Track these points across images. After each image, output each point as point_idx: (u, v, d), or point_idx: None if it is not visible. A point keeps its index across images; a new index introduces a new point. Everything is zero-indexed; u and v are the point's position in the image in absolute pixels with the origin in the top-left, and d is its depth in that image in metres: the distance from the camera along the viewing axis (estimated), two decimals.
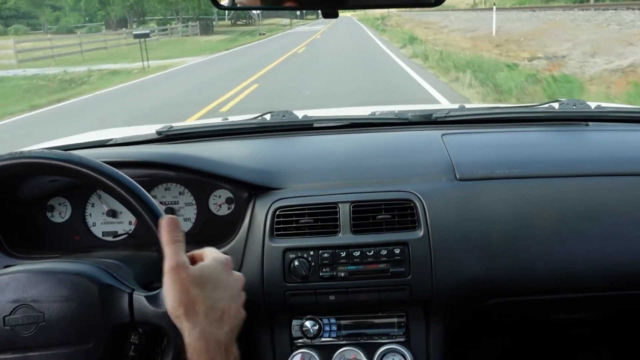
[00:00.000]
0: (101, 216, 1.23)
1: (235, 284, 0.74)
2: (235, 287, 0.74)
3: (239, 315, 0.75)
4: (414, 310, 1.14)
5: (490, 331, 1.47)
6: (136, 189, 0.83)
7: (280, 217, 1.12)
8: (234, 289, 0.73)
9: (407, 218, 1.11)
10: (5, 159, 0.82)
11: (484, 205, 1.13)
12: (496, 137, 1.35)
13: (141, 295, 0.84)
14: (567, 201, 1.14)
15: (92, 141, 1.42)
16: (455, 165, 1.19)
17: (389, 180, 1.17)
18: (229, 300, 0.72)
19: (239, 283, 0.75)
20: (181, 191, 1.23)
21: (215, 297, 0.70)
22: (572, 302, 1.19)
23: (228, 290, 0.72)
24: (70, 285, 0.81)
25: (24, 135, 7.39)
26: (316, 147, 1.37)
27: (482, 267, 1.09)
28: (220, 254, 0.75)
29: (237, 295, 0.74)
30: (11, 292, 0.80)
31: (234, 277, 0.75)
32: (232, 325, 0.72)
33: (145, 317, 0.83)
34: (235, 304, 0.73)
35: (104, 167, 0.83)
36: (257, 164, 1.23)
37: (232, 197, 1.21)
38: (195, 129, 1.43)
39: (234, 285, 0.74)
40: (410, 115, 1.41)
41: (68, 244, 1.21)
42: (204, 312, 0.69)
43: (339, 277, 1.09)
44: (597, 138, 1.36)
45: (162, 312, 0.83)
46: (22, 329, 0.79)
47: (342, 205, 1.12)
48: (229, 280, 0.73)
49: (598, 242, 1.11)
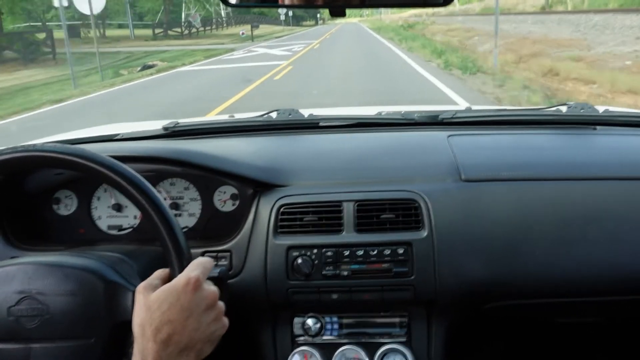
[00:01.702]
0: (106, 210, 1.23)
1: (198, 303, 0.74)
2: (198, 306, 0.74)
3: (205, 334, 0.75)
4: (416, 310, 1.14)
5: (492, 333, 1.47)
6: (141, 184, 0.84)
7: (284, 214, 1.12)
8: (194, 309, 0.73)
9: (411, 218, 1.11)
10: (12, 152, 0.83)
11: (489, 207, 1.13)
12: (502, 139, 1.35)
13: None
14: (572, 205, 1.14)
15: (99, 136, 1.43)
16: (461, 167, 1.18)
17: (393, 180, 1.17)
18: (183, 321, 0.72)
19: (207, 299, 0.75)
20: (186, 186, 1.24)
21: (164, 319, 0.71)
22: (575, 306, 1.19)
23: (183, 312, 0.72)
24: (76, 280, 0.81)
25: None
26: (322, 145, 1.37)
27: (485, 268, 1.09)
28: (186, 274, 0.76)
29: (200, 314, 0.74)
30: (17, 283, 0.81)
31: (196, 295, 0.74)
32: (184, 347, 0.72)
33: None
34: (195, 324, 0.73)
35: (110, 161, 0.84)
36: (263, 161, 1.23)
37: (236, 194, 1.22)
38: (201, 126, 1.43)
39: (197, 305, 0.74)
40: (417, 115, 1.41)
41: (73, 237, 1.22)
42: (150, 334, 0.71)
43: (342, 275, 1.09)
44: (604, 142, 1.35)
45: None
46: (26, 321, 0.80)
47: (346, 203, 1.12)
48: (186, 301, 0.73)
49: (603, 246, 1.11)
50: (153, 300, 0.73)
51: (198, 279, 0.75)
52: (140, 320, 0.73)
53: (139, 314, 0.73)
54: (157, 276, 0.79)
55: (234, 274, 1.12)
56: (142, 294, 0.74)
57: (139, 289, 0.76)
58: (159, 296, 0.73)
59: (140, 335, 0.72)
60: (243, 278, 1.12)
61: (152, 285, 0.76)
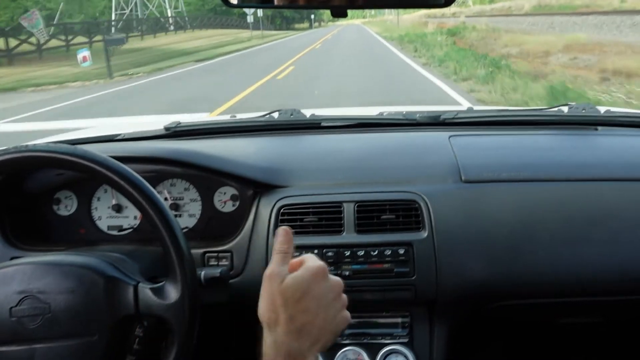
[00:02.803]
0: (107, 210, 1.23)
1: (326, 293, 0.73)
2: (327, 296, 0.72)
3: (332, 325, 0.73)
4: (418, 311, 1.14)
5: (494, 334, 1.46)
6: (141, 185, 0.84)
7: (284, 214, 1.12)
8: (323, 299, 0.72)
9: (412, 219, 1.11)
10: (12, 152, 0.83)
11: (490, 207, 1.13)
12: (504, 140, 1.35)
13: (146, 287, 0.84)
14: (574, 205, 1.14)
15: (99, 136, 1.43)
16: (462, 167, 1.18)
17: (394, 180, 1.17)
18: (315, 311, 0.71)
19: (333, 290, 0.74)
20: (186, 187, 1.24)
21: (298, 308, 0.70)
22: (577, 306, 1.18)
23: (315, 301, 0.71)
24: (76, 277, 0.82)
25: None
26: (323, 146, 1.37)
27: (486, 269, 1.09)
28: (314, 262, 0.74)
29: (328, 304, 0.72)
30: (17, 283, 0.81)
31: (325, 285, 0.73)
32: (315, 339, 0.71)
33: (150, 309, 0.83)
34: (324, 316, 0.71)
35: (110, 161, 0.84)
36: (263, 161, 1.23)
37: (237, 194, 1.22)
38: (202, 126, 1.43)
39: (325, 295, 0.72)
40: (418, 116, 1.40)
41: (73, 237, 1.22)
42: (283, 322, 0.69)
43: (343, 276, 1.09)
44: (605, 143, 1.35)
45: (167, 304, 0.83)
46: (28, 321, 0.80)
47: (346, 204, 1.12)
48: (319, 291, 0.72)
49: (605, 247, 1.10)
50: (286, 287, 0.70)
51: (326, 267, 0.73)
52: (272, 307, 0.70)
53: (269, 301, 0.71)
54: (282, 263, 0.73)
55: (235, 274, 1.12)
56: (272, 280, 0.71)
57: (266, 276, 0.72)
58: (292, 283, 0.70)
59: (273, 322, 0.70)
60: (244, 278, 1.11)
61: (280, 273, 0.72)
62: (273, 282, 0.71)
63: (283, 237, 0.75)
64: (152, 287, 0.84)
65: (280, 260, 0.73)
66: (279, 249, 0.74)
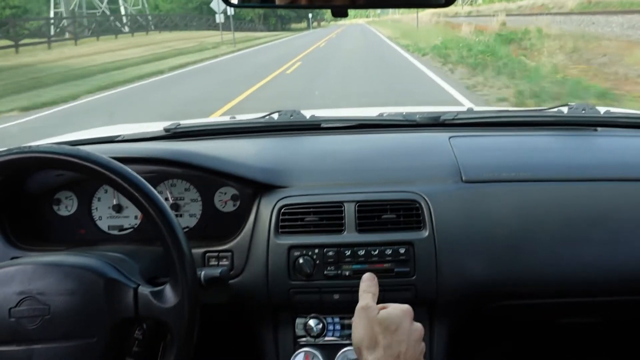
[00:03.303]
0: (107, 210, 1.24)
1: (414, 333, 0.78)
2: (415, 335, 0.78)
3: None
4: (418, 311, 1.13)
5: (494, 334, 1.46)
6: (142, 185, 0.84)
7: (285, 214, 1.12)
8: (412, 336, 0.78)
9: (413, 218, 1.11)
10: (13, 153, 0.83)
11: (490, 207, 1.13)
12: (503, 141, 1.35)
13: (146, 290, 0.84)
14: (574, 206, 1.14)
15: (100, 137, 1.43)
16: (462, 168, 1.18)
17: (395, 181, 1.17)
18: (407, 344, 0.77)
19: (418, 332, 0.79)
20: (187, 187, 1.24)
21: (395, 338, 0.76)
22: (577, 307, 1.19)
23: (407, 335, 0.77)
24: (76, 279, 0.81)
25: None
26: (323, 146, 1.37)
27: (486, 269, 1.09)
28: (403, 305, 0.81)
29: (415, 343, 0.78)
30: (17, 283, 0.81)
31: (414, 326, 0.79)
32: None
33: (149, 312, 0.83)
34: (412, 351, 0.77)
35: (112, 163, 0.84)
36: (264, 162, 1.23)
37: (237, 194, 1.22)
38: (202, 127, 1.43)
39: (413, 333, 0.78)
40: (418, 117, 1.40)
41: (74, 237, 1.22)
42: (382, 348, 0.75)
43: (343, 275, 1.09)
44: (605, 143, 1.35)
45: (167, 307, 0.83)
46: (27, 322, 0.80)
47: (347, 204, 1.12)
48: (408, 327, 0.78)
49: (605, 247, 1.10)
50: (383, 319, 0.77)
51: (411, 309, 0.80)
52: (370, 333, 0.77)
53: (367, 328, 0.77)
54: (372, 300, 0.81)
55: (235, 274, 1.12)
56: (368, 312, 0.78)
57: (360, 308, 0.79)
58: (387, 316, 0.77)
59: (373, 346, 0.76)
60: (244, 278, 1.12)
61: (373, 307, 0.79)
62: (370, 313, 0.78)
63: (370, 281, 0.84)
64: (152, 291, 0.84)
65: (370, 298, 0.82)
66: (367, 290, 0.83)
